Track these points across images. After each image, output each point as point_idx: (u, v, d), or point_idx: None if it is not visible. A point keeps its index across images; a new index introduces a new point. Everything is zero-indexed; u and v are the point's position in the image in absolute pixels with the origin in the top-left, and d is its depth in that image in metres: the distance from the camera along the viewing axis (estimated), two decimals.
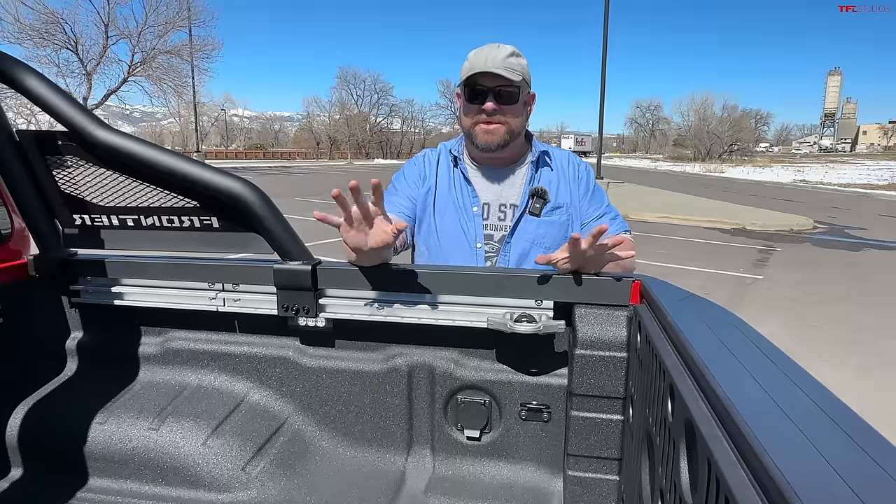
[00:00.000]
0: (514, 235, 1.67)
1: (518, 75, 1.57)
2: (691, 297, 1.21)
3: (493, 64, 1.55)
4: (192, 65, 30.92)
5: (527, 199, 1.66)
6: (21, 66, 1.41)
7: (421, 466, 1.56)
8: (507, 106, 1.59)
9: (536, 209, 1.65)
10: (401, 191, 1.72)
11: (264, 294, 1.55)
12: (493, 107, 1.58)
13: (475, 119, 1.61)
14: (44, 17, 26.02)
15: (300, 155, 72.05)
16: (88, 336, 1.75)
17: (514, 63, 1.57)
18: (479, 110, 1.59)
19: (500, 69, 1.55)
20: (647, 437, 1.06)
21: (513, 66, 1.57)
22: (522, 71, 1.59)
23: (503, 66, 1.55)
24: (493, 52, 1.57)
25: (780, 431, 0.59)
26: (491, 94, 1.58)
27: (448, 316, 1.45)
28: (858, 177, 36.04)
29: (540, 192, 1.65)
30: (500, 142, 1.61)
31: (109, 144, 1.43)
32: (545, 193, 1.66)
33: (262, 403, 1.64)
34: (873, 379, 4.39)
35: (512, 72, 1.56)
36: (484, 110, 1.58)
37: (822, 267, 8.85)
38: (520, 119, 1.63)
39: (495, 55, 1.57)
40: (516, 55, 1.59)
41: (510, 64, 1.56)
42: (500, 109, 1.58)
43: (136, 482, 1.54)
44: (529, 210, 1.65)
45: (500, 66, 1.55)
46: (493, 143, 1.61)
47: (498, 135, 1.60)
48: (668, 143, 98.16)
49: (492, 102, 1.58)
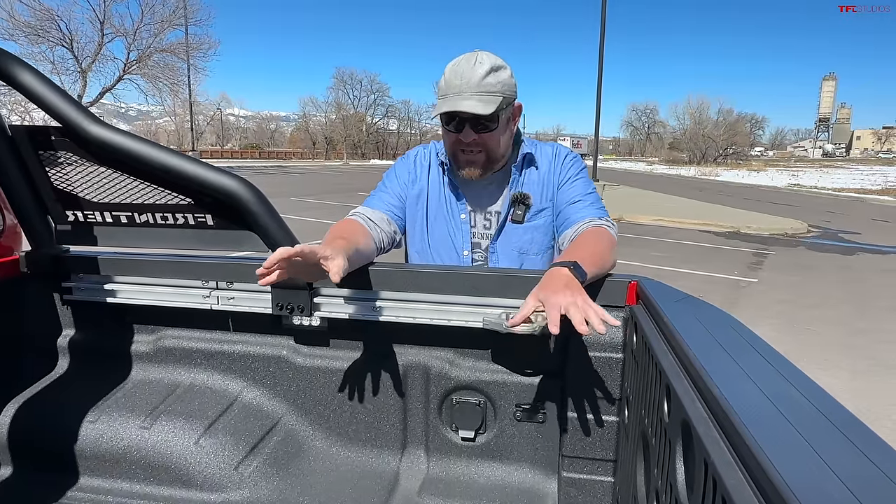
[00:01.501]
0: (498, 242, 1.65)
1: (495, 100, 1.45)
2: (687, 299, 1.21)
3: (468, 90, 1.44)
4: (188, 63, 30.78)
5: (508, 205, 1.63)
6: (15, 61, 1.39)
7: (415, 467, 1.55)
8: (487, 134, 1.50)
9: (518, 216, 1.61)
10: (390, 189, 1.69)
11: (258, 292, 1.54)
12: (471, 139, 1.50)
13: (453, 146, 1.55)
14: (39, 13, 25.86)
15: (296, 155, 71.97)
16: (80, 333, 1.74)
17: (491, 85, 1.45)
18: (458, 139, 1.51)
19: (475, 99, 1.43)
20: (642, 438, 1.06)
21: (490, 88, 1.45)
22: (503, 89, 1.47)
23: (479, 92, 1.44)
24: (469, 73, 1.44)
25: (777, 432, 0.59)
26: (468, 124, 1.48)
27: (443, 316, 1.44)
28: (852, 181, 36.23)
29: (521, 197, 1.61)
30: (481, 171, 1.56)
31: (103, 140, 1.42)
32: (526, 198, 1.61)
33: (255, 403, 1.63)
34: (867, 382, 4.41)
35: (488, 100, 1.44)
36: (461, 140, 1.51)
37: (816, 270, 8.89)
38: (502, 142, 1.56)
39: (470, 77, 1.44)
40: (494, 71, 1.46)
41: (487, 87, 1.44)
42: (478, 139, 1.50)
43: (128, 481, 1.53)
44: (511, 218, 1.62)
45: (475, 93, 1.44)
46: (474, 175, 1.57)
47: (479, 164, 1.55)
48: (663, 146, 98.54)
49: (470, 135, 1.49)
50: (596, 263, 1.30)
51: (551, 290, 1.13)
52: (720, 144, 75.25)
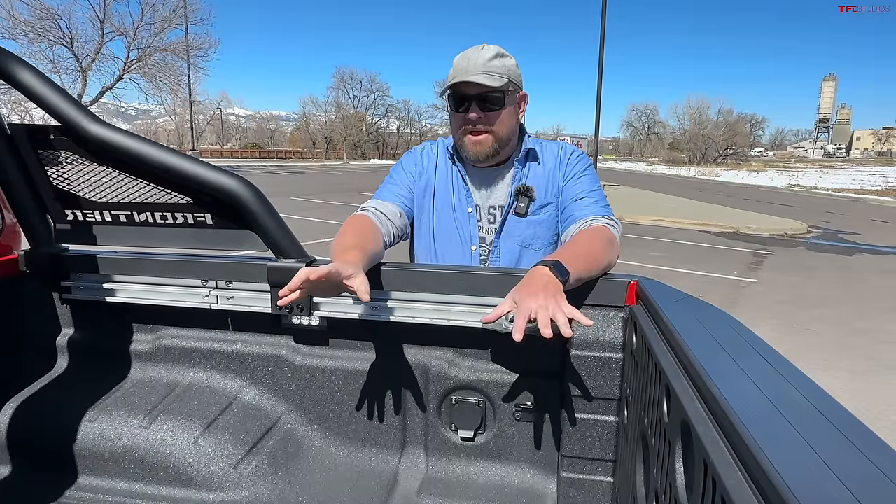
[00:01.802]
0: (501, 236, 1.65)
1: (501, 79, 1.51)
2: (687, 299, 1.20)
3: (474, 69, 1.51)
4: (188, 63, 30.78)
5: (511, 198, 1.63)
6: (15, 60, 1.39)
7: (414, 467, 1.55)
8: (492, 113, 1.54)
9: (522, 209, 1.61)
10: (399, 181, 1.70)
11: (258, 292, 1.54)
12: (476, 116, 1.54)
13: (462, 128, 1.58)
14: (39, 12, 25.85)
15: (296, 154, 71.91)
16: (79, 333, 1.73)
17: (497, 66, 1.52)
18: (465, 119, 1.55)
19: (481, 75, 1.50)
20: (642, 438, 1.06)
21: (496, 69, 1.52)
22: (508, 73, 1.54)
23: (484, 72, 1.50)
24: (475, 56, 1.52)
25: (777, 432, 0.59)
26: (474, 102, 1.53)
27: (443, 315, 1.44)
28: (852, 182, 36.27)
29: (524, 190, 1.62)
30: (488, 152, 1.58)
31: (102, 139, 1.41)
32: (530, 191, 1.62)
33: (254, 402, 1.63)
34: (867, 382, 4.41)
35: (494, 77, 1.51)
36: (469, 119, 1.55)
37: (815, 271, 8.90)
38: (508, 124, 1.58)
39: (476, 59, 1.52)
40: (501, 56, 1.54)
41: (493, 68, 1.51)
42: (484, 118, 1.54)
43: (127, 480, 1.53)
44: (515, 210, 1.62)
45: (480, 72, 1.50)
46: (481, 155, 1.59)
47: (486, 146, 1.57)
48: (663, 146, 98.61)
49: (475, 112, 1.53)
50: (587, 262, 1.30)
51: (526, 291, 1.13)
52: (720, 145, 75.36)
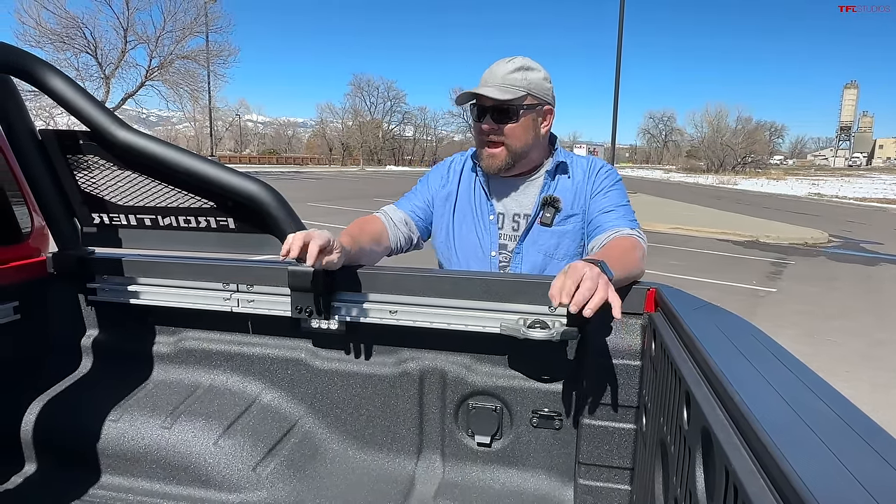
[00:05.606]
0: (525, 244, 1.65)
1: (515, 92, 1.52)
2: (707, 306, 1.20)
3: (491, 82, 1.53)
4: (208, 70, 31.24)
5: (538, 207, 1.64)
6: (46, 67, 1.43)
7: (431, 472, 1.55)
8: (507, 125, 1.54)
9: (547, 218, 1.62)
10: (419, 193, 1.76)
11: (278, 296, 1.56)
12: (489, 127, 1.55)
13: (479, 139, 1.61)
14: (64, 21, 26.45)
15: (312, 161, 72.42)
16: (104, 334, 1.77)
17: (515, 79, 1.53)
18: (481, 129, 1.58)
19: (494, 88, 1.52)
20: (661, 445, 1.06)
21: (514, 82, 1.53)
22: (529, 86, 1.54)
23: (500, 84, 1.52)
24: (498, 68, 1.55)
25: (799, 440, 0.59)
26: (489, 114, 1.55)
27: (461, 321, 1.45)
28: (874, 191, 35.59)
29: (551, 200, 1.63)
30: (501, 166, 1.60)
31: (130, 145, 1.45)
32: (556, 202, 1.63)
33: (273, 404, 1.64)
34: (888, 395, 4.32)
35: (507, 89, 1.52)
36: (483, 130, 1.57)
37: (836, 281, 8.74)
38: (522, 137, 1.58)
39: (497, 71, 1.54)
40: (524, 69, 1.55)
41: (511, 80, 1.53)
42: (497, 129, 1.55)
43: (148, 480, 1.55)
44: (540, 220, 1.63)
45: (495, 84, 1.52)
46: (492, 168, 1.61)
47: (499, 159, 1.59)
48: (680, 154, 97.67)
49: (489, 123, 1.55)
50: (623, 268, 1.29)
51: (581, 264, 1.14)
52: (738, 153, 74.47)
